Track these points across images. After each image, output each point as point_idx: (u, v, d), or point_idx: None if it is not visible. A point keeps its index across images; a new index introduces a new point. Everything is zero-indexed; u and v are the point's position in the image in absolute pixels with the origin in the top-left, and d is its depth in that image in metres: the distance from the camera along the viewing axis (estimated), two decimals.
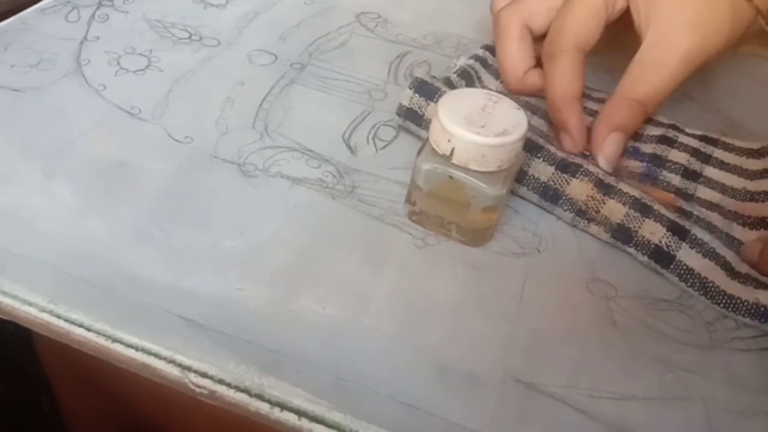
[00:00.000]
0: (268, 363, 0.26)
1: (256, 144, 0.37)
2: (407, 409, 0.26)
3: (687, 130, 0.41)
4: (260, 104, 0.39)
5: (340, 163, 0.36)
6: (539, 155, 0.34)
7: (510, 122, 0.30)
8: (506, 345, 0.28)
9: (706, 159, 0.39)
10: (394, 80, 0.43)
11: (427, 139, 0.31)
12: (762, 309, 0.30)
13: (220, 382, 0.25)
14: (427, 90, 0.36)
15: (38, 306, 0.27)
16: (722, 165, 0.39)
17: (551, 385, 0.27)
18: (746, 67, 0.51)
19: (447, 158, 0.30)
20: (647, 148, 0.39)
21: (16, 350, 0.44)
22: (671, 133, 0.40)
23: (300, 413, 0.25)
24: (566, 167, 0.34)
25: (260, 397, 0.25)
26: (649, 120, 0.41)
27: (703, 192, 0.37)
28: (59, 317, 0.27)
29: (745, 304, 0.31)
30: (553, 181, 0.34)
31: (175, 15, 0.46)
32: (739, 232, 0.35)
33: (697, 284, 0.31)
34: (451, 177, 0.31)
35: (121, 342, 0.26)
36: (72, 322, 0.27)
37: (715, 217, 0.35)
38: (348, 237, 0.32)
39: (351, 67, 0.44)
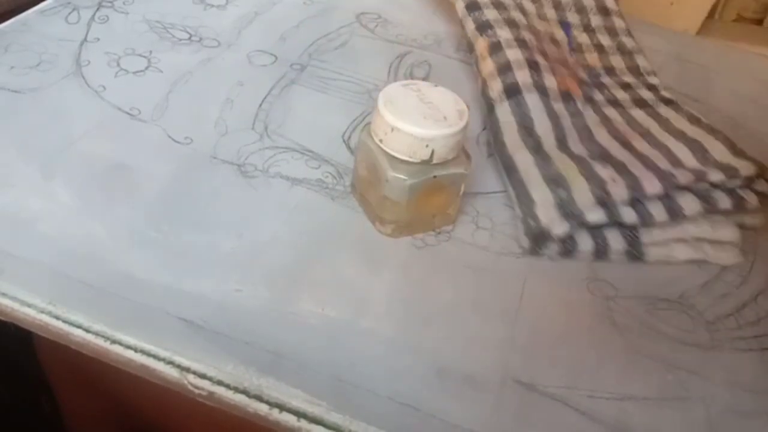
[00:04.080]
0: (267, 364, 0.26)
1: (256, 145, 0.36)
2: (407, 410, 0.25)
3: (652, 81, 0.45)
4: (260, 105, 0.39)
5: (340, 164, 0.36)
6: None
7: (448, 101, 0.31)
8: (506, 346, 0.28)
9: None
10: (394, 80, 0.43)
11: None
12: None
13: (219, 383, 0.25)
14: None
15: (37, 307, 0.27)
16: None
17: (551, 386, 0.27)
18: (748, 66, 0.51)
19: (426, 162, 0.30)
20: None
21: (16, 352, 0.44)
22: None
23: (299, 414, 0.25)
24: None
25: (259, 398, 0.25)
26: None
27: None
28: (58, 318, 0.27)
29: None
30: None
31: (175, 16, 0.46)
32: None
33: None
34: (435, 177, 0.31)
35: (120, 343, 0.26)
36: (71, 324, 0.27)
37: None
38: (347, 238, 0.32)
39: (351, 67, 0.44)
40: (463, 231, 0.34)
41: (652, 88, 0.44)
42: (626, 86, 0.44)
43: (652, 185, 0.33)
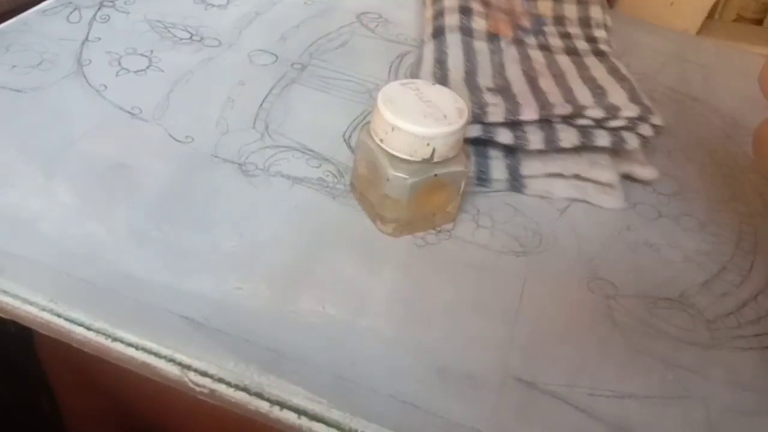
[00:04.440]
0: (267, 362, 0.26)
1: (257, 144, 0.37)
2: (407, 408, 0.25)
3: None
4: (261, 104, 0.39)
5: (341, 163, 0.36)
6: None
7: (447, 100, 0.31)
8: (506, 344, 0.28)
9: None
10: (395, 80, 0.43)
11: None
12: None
13: (220, 380, 0.25)
14: None
15: (39, 305, 0.27)
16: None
17: (552, 384, 0.27)
18: (748, 66, 0.51)
19: (427, 161, 0.30)
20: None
21: (16, 352, 0.44)
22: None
23: (300, 412, 0.25)
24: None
25: (260, 395, 0.25)
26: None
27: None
28: (59, 316, 0.27)
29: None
30: None
31: (176, 15, 0.46)
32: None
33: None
34: (435, 175, 0.31)
35: (121, 341, 0.26)
36: (72, 321, 0.27)
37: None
38: (348, 237, 0.32)
39: (351, 67, 0.44)
40: (464, 229, 0.34)
41: (592, 40, 0.45)
42: (566, 35, 0.45)
43: (529, 112, 0.35)
